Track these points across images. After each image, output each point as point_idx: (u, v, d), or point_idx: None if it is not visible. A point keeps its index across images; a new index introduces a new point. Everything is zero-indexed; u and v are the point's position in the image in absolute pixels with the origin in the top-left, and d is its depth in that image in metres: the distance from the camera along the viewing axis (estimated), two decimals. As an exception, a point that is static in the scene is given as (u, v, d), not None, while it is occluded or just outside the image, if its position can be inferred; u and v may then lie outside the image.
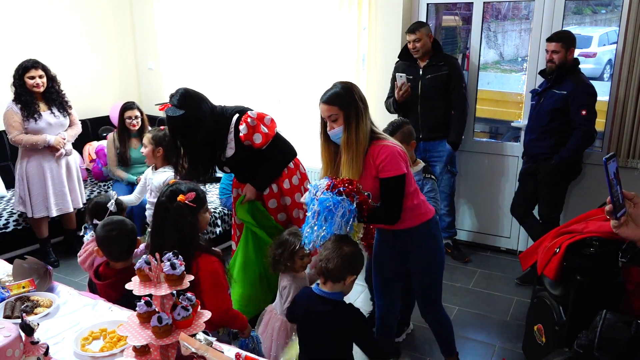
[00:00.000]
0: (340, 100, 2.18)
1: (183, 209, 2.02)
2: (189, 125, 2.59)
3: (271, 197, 2.83)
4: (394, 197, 2.19)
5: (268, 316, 2.51)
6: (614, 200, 1.24)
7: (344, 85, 2.23)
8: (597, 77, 5.57)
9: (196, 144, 2.65)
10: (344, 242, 2.05)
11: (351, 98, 2.19)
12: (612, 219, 1.26)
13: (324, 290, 2.04)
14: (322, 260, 2.04)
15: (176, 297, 1.55)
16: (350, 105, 2.18)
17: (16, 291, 2.05)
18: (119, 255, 2.15)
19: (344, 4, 4.24)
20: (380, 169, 2.17)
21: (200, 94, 2.68)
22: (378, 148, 2.19)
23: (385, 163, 2.15)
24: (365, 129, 2.19)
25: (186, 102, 2.58)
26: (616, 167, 1.24)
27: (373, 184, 2.20)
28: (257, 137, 2.67)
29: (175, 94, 2.61)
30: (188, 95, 2.62)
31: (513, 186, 4.06)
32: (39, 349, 1.56)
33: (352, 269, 2.03)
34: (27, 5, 4.62)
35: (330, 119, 2.21)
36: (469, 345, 3.09)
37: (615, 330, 1.97)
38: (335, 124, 2.20)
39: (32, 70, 3.75)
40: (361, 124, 2.17)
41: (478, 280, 3.82)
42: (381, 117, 4.32)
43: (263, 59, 4.77)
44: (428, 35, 3.76)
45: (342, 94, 2.19)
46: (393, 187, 2.18)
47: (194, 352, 1.44)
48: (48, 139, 3.79)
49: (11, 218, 4.00)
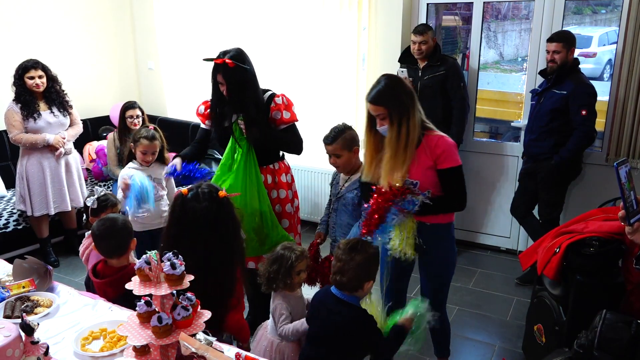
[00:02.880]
0: (385, 100, 2.19)
1: (231, 204, 1.97)
2: (249, 81, 2.68)
3: (266, 187, 2.82)
4: (459, 185, 2.26)
5: (261, 332, 2.37)
6: (626, 206, 1.21)
7: (388, 81, 2.23)
8: (597, 77, 5.57)
9: (255, 98, 2.71)
10: (355, 251, 2.02)
11: (396, 95, 2.19)
12: (626, 225, 1.24)
13: (341, 292, 2.01)
14: (335, 274, 2.01)
15: (176, 297, 1.55)
16: (397, 103, 2.18)
17: (16, 291, 2.05)
18: (109, 252, 2.14)
19: (344, 4, 4.24)
20: (440, 160, 2.21)
21: None
22: (435, 139, 2.23)
23: (447, 154, 2.21)
24: (414, 124, 2.20)
25: (246, 59, 2.71)
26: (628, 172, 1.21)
27: (425, 174, 2.23)
28: (286, 113, 2.77)
29: (230, 50, 2.70)
30: (245, 54, 2.74)
31: (513, 186, 4.05)
32: (39, 348, 1.56)
33: (367, 275, 2.00)
34: (27, 6, 4.62)
35: (379, 118, 2.24)
36: (469, 345, 3.09)
37: (615, 330, 1.97)
38: (385, 121, 2.22)
39: (32, 70, 3.76)
40: (412, 119, 2.18)
41: (478, 280, 3.82)
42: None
43: (263, 59, 4.76)
44: (433, 38, 3.82)
45: (387, 92, 2.20)
46: (456, 177, 2.24)
47: (194, 352, 1.43)
48: (47, 138, 3.80)
49: (11, 218, 4.00)
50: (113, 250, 2.14)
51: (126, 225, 2.19)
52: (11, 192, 4.28)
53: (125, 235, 2.16)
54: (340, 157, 2.63)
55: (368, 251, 2.04)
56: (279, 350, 2.24)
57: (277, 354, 2.24)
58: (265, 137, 2.70)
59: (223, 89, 2.67)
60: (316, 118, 4.57)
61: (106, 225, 2.16)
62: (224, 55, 2.66)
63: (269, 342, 2.28)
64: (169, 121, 5.17)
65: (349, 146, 2.61)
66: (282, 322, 2.20)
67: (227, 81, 2.63)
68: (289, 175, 2.94)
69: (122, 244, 2.14)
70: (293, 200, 2.94)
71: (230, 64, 2.58)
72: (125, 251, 2.16)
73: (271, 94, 2.81)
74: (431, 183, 2.24)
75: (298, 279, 2.27)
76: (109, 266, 2.15)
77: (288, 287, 2.26)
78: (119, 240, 2.14)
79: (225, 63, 2.59)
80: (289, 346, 2.24)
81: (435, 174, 2.24)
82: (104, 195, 2.68)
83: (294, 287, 2.28)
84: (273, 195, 2.85)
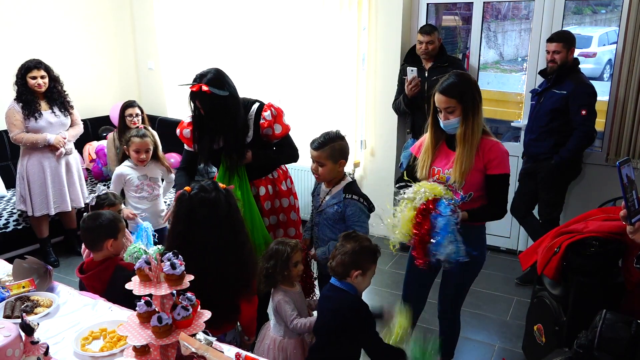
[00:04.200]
0: (459, 93, 2.16)
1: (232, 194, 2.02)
2: (228, 106, 2.50)
3: (266, 199, 2.74)
4: (503, 194, 2.26)
5: (264, 332, 2.38)
6: (628, 205, 1.21)
7: (461, 76, 2.21)
8: (597, 77, 5.57)
9: (234, 125, 2.55)
10: (348, 240, 2.05)
11: (470, 91, 2.17)
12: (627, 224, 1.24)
13: (337, 280, 2.06)
14: (330, 259, 2.07)
15: (176, 296, 1.55)
16: (469, 99, 2.16)
17: (16, 291, 2.05)
18: (91, 244, 2.19)
19: (344, 4, 4.24)
20: (491, 165, 2.20)
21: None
22: (490, 143, 2.22)
23: (499, 160, 2.20)
24: (480, 123, 2.19)
25: (226, 82, 2.50)
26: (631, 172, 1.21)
27: (476, 177, 2.22)
28: (277, 127, 2.64)
29: (207, 73, 2.47)
30: (224, 75, 2.53)
31: (513, 186, 4.05)
32: (39, 348, 1.56)
33: (354, 264, 2.01)
34: (27, 6, 4.62)
35: (447, 111, 2.19)
36: (469, 345, 3.09)
37: (615, 330, 1.97)
38: (451, 115, 2.19)
39: (34, 70, 3.77)
40: (477, 118, 2.17)
41: (478, 280, 3.78)
42: (384, 117, 4.33)
43: (263, 58, 4.77)
44: (439, 38, 3.83)
45: (461, 86, 2.17)
46: (503, 184, 2.24)
47: (194, 352, 1.43)
48: (48, 138, 3.80)
49: (11, 218, 4.00)
50: (87, 244, 2.22)
51: (108, 224, 2.18)
52: (11, 192, 4.28)
53: (102, 232, 2.15)
54: (323, 167, 2.41)
55: (361, 243, 2.05)
56: (282, 347, 2.27)
57: (280, 351, 2.27)
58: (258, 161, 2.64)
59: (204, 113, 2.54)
60: (316, 118, 4.57)
61: (91, 217, 2.22)
62: (200, 80, 2.46)
63: (271, 340, 2.30)
64: (169, 121, 5.17)
65: (335, 157, 2.38)
66: (293, 317, 2.21)
67: (205, 108, 2.49)
68: (288, 180, 2.87)
69: (95, 239, 2.16)
70: (295, 205, 2.87)
71: (207, 90, 2.40)
72: (97, 247, 2.17)
73: (258, 106, 2.65)
74: (476, 185, 2.23)
75: (296, 270, 2.28)
76: (93, 261, 2.19)
77: (287, 281, 2.27)
78: (94, 234, 2.16)
79: (201, 89, 2.41)
80: (291, 343, 2.27)
81: (482, 177, 2.23)
82: (105, 193, 2.70)
83: (292, 280, 2.30)
84: (276, 205, 2.78)
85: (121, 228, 2.24)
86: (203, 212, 1.91)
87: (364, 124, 4.48)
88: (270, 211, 2.76)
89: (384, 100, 4.24)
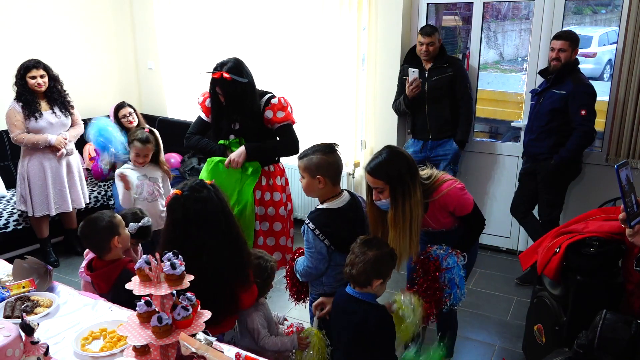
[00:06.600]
0: (386, 174, 2.06)
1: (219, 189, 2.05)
2: (246, 93, 2.71)
3: (258, 189, 2.86)
4: (478, 220, 2.33)
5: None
6: (627, 209, 1.20)
7: (392, 155, 2.09)
8: (597, 77, 5.56)
9: (250, 110, 2.76)
10: (369, 246, 1.96)
11: (399, 172, 2.05)
12: (626, 227, 1.23)
13: (355, 290, 1.99)
14: (347, 265, 1.98)
15: (176, 297, 1.55)
16: (397, 181, 2.04)
17: (16, 291, 2.06)
18: (92, 250, 2.23)
19: (344, 4, 4.24)
20: (457, 212, 2.25)
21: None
22: (442, 200, 2.20)
23: (460, 206, 2.24)
24: (416, 202, 2.07)
25: (244, 70, 2.72)
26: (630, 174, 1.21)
27: (446, 217, 2.28)
28: (279, 113, 2.80)
29: (227, 62, 2.70)
30: (242, 64, 2.75)
31: (513, 186, 4.05)
32: (39, 348, 1.56)
33: (377, 273, 1.93)
34: (27, 6, 4.62)
35: (377, 190, 2.12)
36: (469, 345, 3.09)
37: (615, 330, 1.97)
38: (381, 195, 2.11)
39: (34, 70, 3.76)
40: (410, 200, 2.05)
41: (478, 280, 3.82)
42: (384, 117, 4.33)
43: (263, 59, 4.76)
44: (439, 39, 3.84)
45: (389, 166, 2.06)
46: (474, 216, 2.31)
47: (194, 352, 1.44)
48: (49, 138, 3.80)
49: (11, 218, 4.00)
50: (94, 249, 2.22)
51: (108, 226, 2.18)
52: (11, 192, 4.28)
53: (105, 235, 2.16)
54: (302, 178, 2.28)
55: (382, 249, 1.97)
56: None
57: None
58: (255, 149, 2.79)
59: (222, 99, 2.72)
60: (316, 118, 4.57)
61: (87, 224, 2.21)
62: (221, 68, 2.67)
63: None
64: (169, 121, 5.17)
65: (311, 172, 2.21)
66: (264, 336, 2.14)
67: (225, 93, 2.68)
68: (284, 178, 2.97)
69: (99, 242, 2.17)
70: (287, 203, 2.97)
71: (228, 77, 2.61)
72: (105, 250, 2.17)
73: (270, 96, 2.83)
74: (450, 222, 2.32)
75: (271, 286, 2.30)
76: (101, 260, 2.19)
77: (264, 295, 2.25)
78: (98, 239, 2.17)
79: (222, 76, 2.61)
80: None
81: (451, 216, 2.29)
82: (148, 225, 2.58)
83: (265, 294, 2.28)
84: (267, 198, 2.87)
85: (119, 222, 2.24)
86: (198, 211, 1.93)
87: (364, 124, 4.48)
88: (259, 201, 2.88)
89: (384, 101, 4.24)
